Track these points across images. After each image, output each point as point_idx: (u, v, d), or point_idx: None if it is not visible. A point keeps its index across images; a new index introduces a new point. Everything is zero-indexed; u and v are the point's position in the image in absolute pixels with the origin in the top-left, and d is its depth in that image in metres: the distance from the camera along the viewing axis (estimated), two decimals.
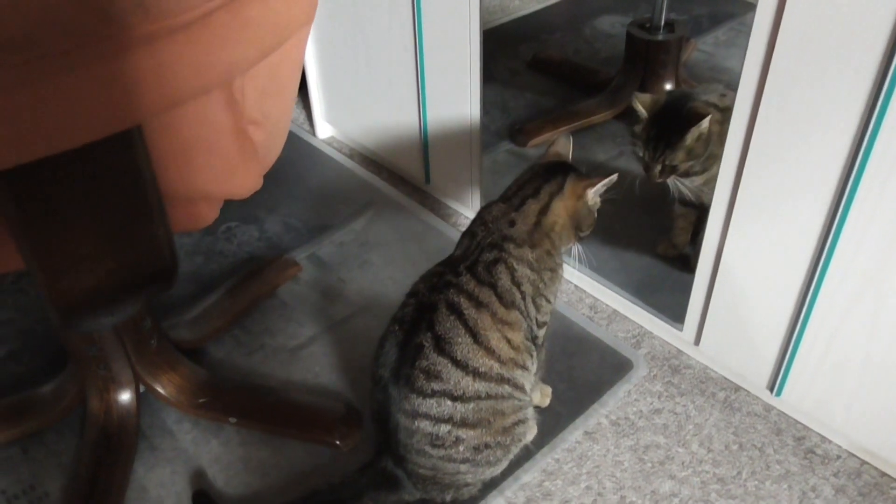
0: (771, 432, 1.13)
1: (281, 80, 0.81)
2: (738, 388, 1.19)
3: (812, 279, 1.00)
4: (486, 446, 0.96)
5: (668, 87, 1.71)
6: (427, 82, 1.42)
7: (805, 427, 1.13)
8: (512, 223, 1.00)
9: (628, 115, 1.78)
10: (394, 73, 1.48)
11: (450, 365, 0.92)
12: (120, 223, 0.68)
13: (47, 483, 1.09)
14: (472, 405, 0.93)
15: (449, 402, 0.93)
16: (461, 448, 0.94)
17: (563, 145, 1.10)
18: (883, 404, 1.01)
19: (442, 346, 0.93)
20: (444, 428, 0.93)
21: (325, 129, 1.77)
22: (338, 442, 1.12)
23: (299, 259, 1.45)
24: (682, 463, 1.10)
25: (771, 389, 1.12)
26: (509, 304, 0.97)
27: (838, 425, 1.08)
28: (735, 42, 2.01)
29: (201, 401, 1.16)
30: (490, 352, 0.94)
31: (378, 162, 1.69)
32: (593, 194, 1.02)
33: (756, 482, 1.07)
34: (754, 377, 1.14)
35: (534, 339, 1.01)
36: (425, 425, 0.93)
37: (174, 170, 0.71)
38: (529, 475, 1.08)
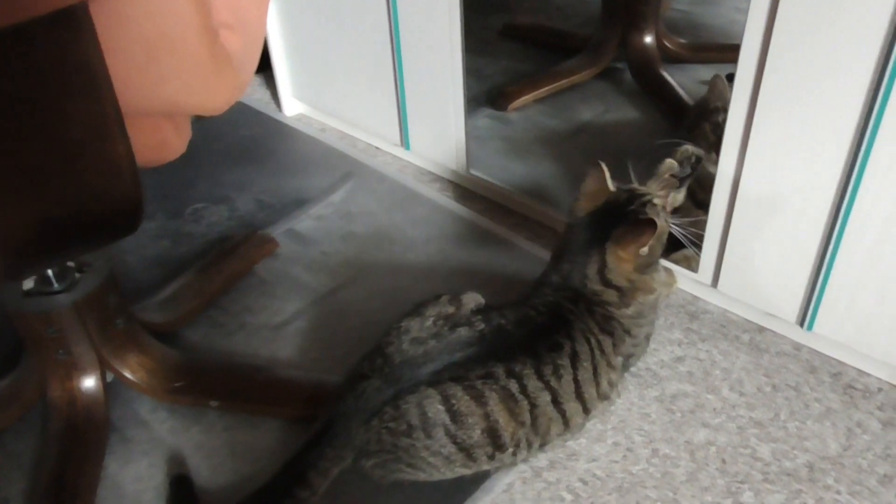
0: (804, 371, 1.05)
1: None
2: (762, 329, 1.11)
3: (843, 197, 0.92)
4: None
5: (649, 40, 1.64)
6: (403, 44, 1.33)
7: (840, 362, 1.05)
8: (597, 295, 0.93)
9: (609, 74, 1.72)
10: (366, 38, 1.38)
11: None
12: (68, 132, 0.57)
13: (6, 488, 0.96)
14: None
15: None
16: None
17: (597, 179, 0.94)
18: None
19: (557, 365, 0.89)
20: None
21: (293, 107, 1.66)
22: None
23: (276, 235, 1.34)
24: (714, 409, 1.00)
25: (801, 323, 1.04)
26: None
27: (879, 355, 1.00)
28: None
29: (177, 385, 1.03)
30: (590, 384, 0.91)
31: (353, 133, 1.59)
32: (645, 249, 0.90)
33: (797, 423, 0.98)
34: (782, 313, 1.06)
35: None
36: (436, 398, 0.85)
37: (135, 73, 0.60)
38: None
